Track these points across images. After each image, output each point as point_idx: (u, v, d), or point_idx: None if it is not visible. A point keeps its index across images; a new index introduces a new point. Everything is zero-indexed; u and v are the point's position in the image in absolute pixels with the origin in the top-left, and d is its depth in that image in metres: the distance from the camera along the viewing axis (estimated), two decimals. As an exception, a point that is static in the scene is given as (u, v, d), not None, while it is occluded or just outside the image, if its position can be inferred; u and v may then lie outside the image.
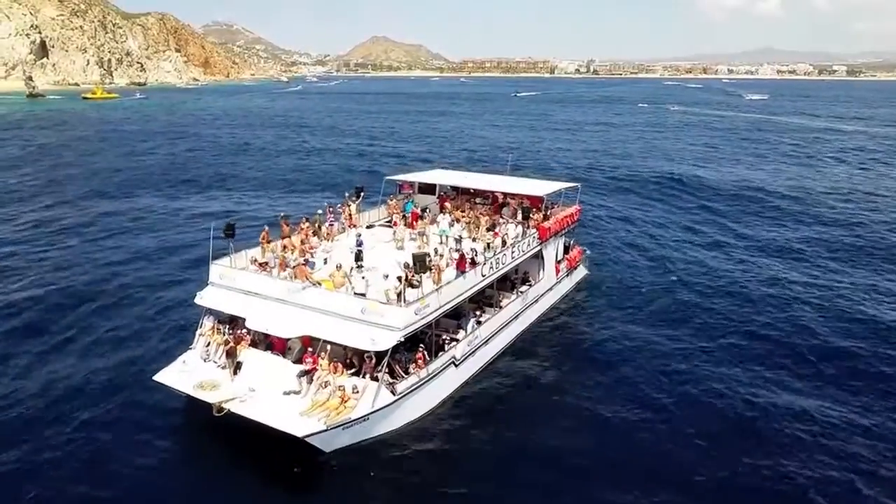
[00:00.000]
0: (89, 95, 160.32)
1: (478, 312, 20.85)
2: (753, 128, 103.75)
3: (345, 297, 17.35)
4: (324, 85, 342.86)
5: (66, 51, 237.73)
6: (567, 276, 27.03)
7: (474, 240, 22.89)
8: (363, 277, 18.00)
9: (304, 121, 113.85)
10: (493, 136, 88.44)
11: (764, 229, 39.07)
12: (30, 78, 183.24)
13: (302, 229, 22.54)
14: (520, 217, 24.40)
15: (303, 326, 16.98)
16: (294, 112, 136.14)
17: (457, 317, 20.03)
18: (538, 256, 23.92)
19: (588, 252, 29.63)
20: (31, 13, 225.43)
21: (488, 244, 21.24)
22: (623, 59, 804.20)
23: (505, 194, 26.70)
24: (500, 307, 21.67)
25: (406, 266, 17.60)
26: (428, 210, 26.49)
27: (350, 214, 25.21)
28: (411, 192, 28.39)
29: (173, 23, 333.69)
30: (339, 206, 25.28)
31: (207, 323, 18.95)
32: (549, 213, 25.43)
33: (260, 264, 19.59)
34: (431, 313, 17.47)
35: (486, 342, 20.49)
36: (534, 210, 24.54)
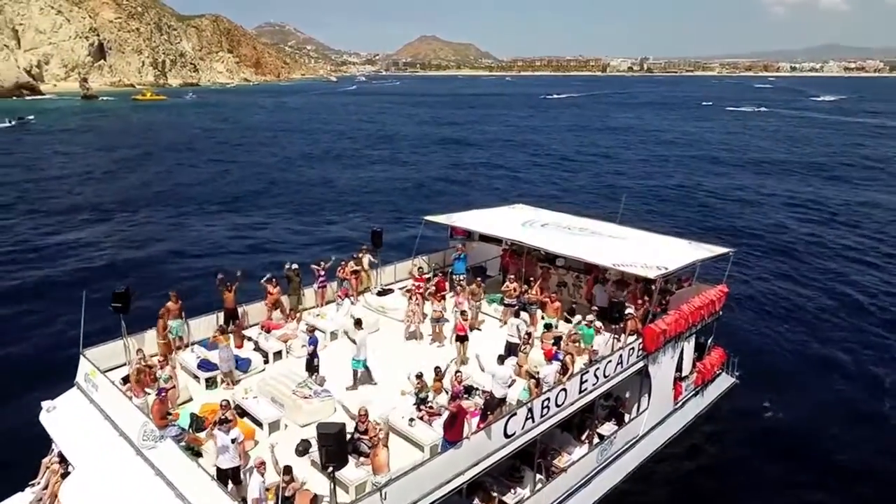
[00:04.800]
0: (139, 97, 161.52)
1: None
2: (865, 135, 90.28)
3: (197, 473, 9.83)
4: (382, 84, 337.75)
5: (123, 52, 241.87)
6: (697, 394, 17.57)
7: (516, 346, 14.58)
8: (230, 435, 10.25)
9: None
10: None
11: None
12: (84, 80, 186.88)
13: (270, 294, 16.26)
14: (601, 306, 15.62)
15: None
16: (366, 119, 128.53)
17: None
18: (643, 373, 15.28)
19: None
20: (90, 16, 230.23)
21: (537, 380, 12.79)
22: (678, 57, 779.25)
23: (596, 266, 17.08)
24: (556, 471, 13.26)
25: (300, 450, 10.89)
26: (485, 271, 19.24)
27: (355, 272, 18.12)
28: (466, 240, 20.37)
29: (226, 24, 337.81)
30: (327, 264, 17.68)
31: (56, 449, 12.51)
32: (667, 300, 16.34)
33: (138, 372, 12.36)
34: None
35: None
36: (636, 295, 15.72)
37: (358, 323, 14.56)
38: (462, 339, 14.79)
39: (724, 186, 52.31)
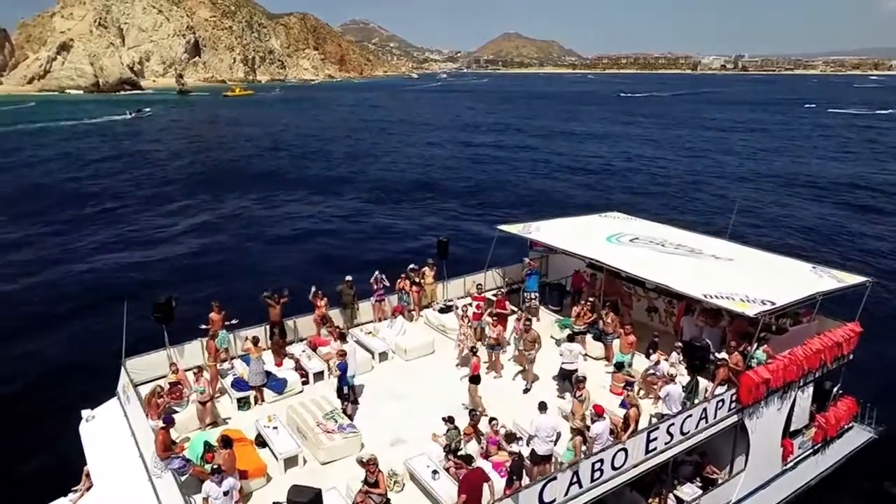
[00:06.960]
0: (229, 93, 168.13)
1: None
2: None
3: None
4: (466, 81, 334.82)
5: (216, 49, 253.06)
6: (817, 452, 14.40)
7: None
8: (223, 487, 8.83)
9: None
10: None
11: None
12: (180, 76, 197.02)
13: (318, 308, 14.80)
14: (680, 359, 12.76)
15: None
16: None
17: None
18: (737, 428, 12.26)
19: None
20: (187, 15, 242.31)
21: (584, 437, 9.97)
22: (776, 54, 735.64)
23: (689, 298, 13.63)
24: None
25: None
26: (564, 289, 16.95)
27: (416, 284, 16.42)
28: (547, 252, 18.03)
29: (313, 22, 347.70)
30: (384, 275, 15.92)
31: None
32: (766, 338, 12.63)
33: (152, 393, 11.36)
34: None
35: None
36: (730, 335, 13.03)
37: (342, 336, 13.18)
38: (474, 380, 11.98)
39: (853, 200, 44.41)
